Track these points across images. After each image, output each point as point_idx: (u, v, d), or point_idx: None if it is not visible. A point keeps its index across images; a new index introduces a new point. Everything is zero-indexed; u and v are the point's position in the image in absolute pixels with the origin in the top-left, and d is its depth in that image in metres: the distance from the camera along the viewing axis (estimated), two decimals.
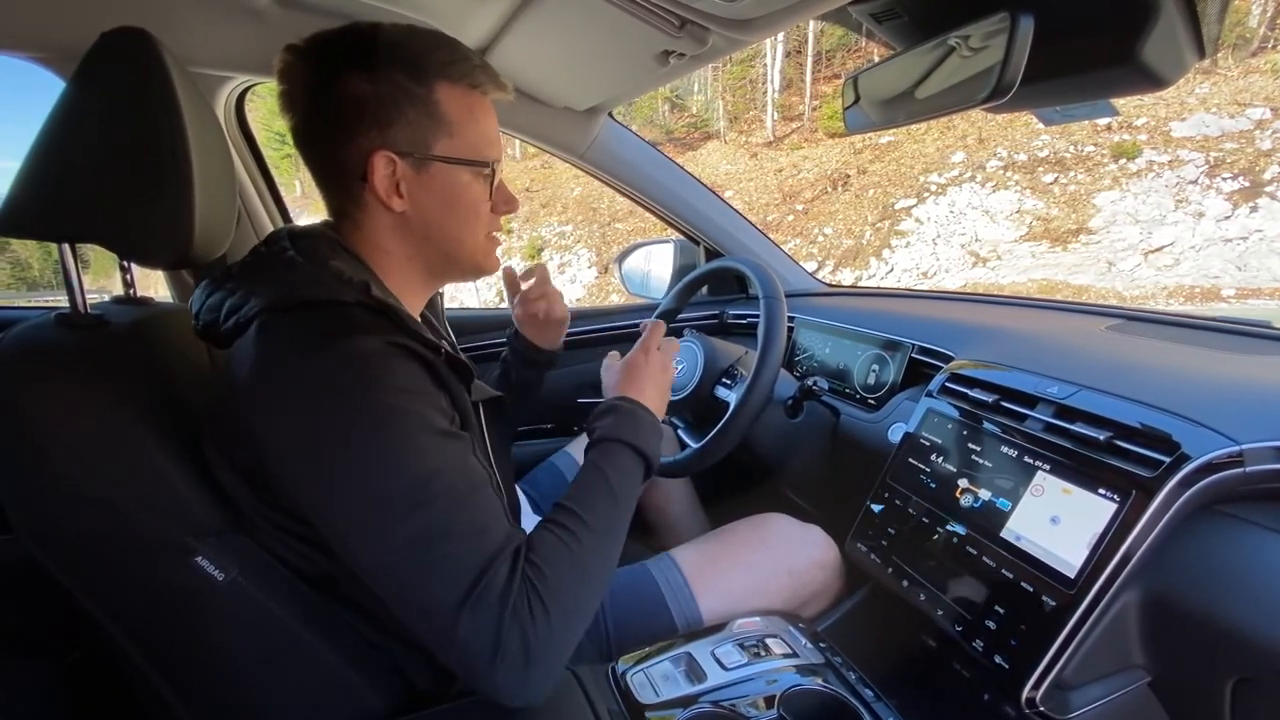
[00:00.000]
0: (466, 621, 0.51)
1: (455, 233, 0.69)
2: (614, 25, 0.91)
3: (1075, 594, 0.64)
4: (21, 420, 0.55)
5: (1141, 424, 0.67)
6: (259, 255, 0.65)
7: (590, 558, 0.60)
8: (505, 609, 0.52)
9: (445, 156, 0.65)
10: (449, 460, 0.56)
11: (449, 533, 0.53)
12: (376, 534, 0.53)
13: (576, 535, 0.60)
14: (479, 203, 0.68)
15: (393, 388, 0.55)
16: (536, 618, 0.53)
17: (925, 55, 0.73)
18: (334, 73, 0.62)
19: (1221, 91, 11.20)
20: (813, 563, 0.92)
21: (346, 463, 0.53)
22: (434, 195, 0.66)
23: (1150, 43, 0.56)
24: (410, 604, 0.54)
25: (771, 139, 15.36)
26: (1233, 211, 9.54)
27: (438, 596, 0.52)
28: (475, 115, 0.66)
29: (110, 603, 0.60)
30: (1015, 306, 1.27)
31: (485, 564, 0.53)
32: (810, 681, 0.71)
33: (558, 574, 0.56)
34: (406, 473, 0.54)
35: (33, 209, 0.60)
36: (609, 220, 15.07)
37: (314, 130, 0.64)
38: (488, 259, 0.73)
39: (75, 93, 0.60)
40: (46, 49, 0.93)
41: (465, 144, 0.66)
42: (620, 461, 0.68)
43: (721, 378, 1.10)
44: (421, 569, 0.53)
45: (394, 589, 0.54)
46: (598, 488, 0.65)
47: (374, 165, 0.62)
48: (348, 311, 0.58)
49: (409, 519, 0.53)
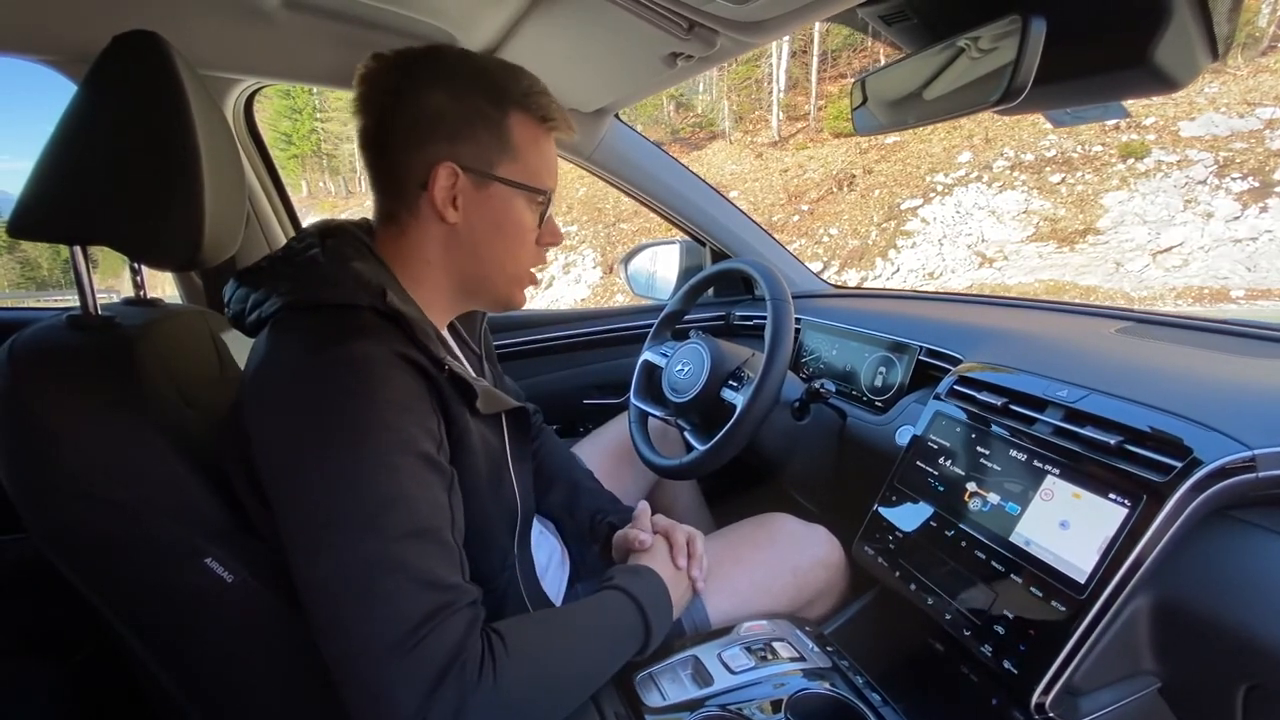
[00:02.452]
0: (397, 669, 0.47)
1: (499, 256, 0.70)
2: (621, 27, 0.91)
3: (1085, 599, 0.63)
4: (33, 421, 0.56)
5: (1152, 428, 0.67)
6: (290, 250, 0.66)
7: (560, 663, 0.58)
8: (451, 665, 0.48)
9: (506, 178, 0.67)
10: (420, 489, 0.54)
11: (399, 565, 0.50)
12: (325, 549, 0.50)
13: (553, 636, 0.59)
14: (527, 230, 0.70)
15: (382, 399, 0.54)
16: (483, 689, 0.49)
17: (934, 57, 0.72)
18: (419, 83, 0.64)
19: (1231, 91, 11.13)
20: (817, 561, 0.92)
21: (315, 466, 0.52)
22: (487, 214, 0.67)
23: (1163, 45, 0.56)
24: (339, 635, 0.49)
25: (777, 139, 15.35)
26: (1242, 212, 9.48)
27: (373, 633, 0.48)
28: (540, 147, 0.69)
29: (119, 603, 0.60)
30: (1024, 308, 1.27)
31: (435, 609, 0.50)
32: (817, 685, 0.71)
33: (525, 657, 0.53)
34: (370, 490, 0.51)
35: (44, 211, 0.61)
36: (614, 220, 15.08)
37: (386, 133, 0.65)
38: (518, 290, 0.74)
39: (87, 96, 0.61)
40: (58, 52, 0.94)
41: (526, 170, 0.68)
42: (615, 610, 0.68)
43: (728, 380, 1.10)
44: (360, 597, 0.49)
45: (328, 615, 0.50)
46: (587, 615, 0.65)
47: (436, 175, 0.64)
48: (358, 316, 0.58)
49: (360, 540, 0.50)
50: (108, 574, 0.59)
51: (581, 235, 15.37)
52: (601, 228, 15.13)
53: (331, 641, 0.50)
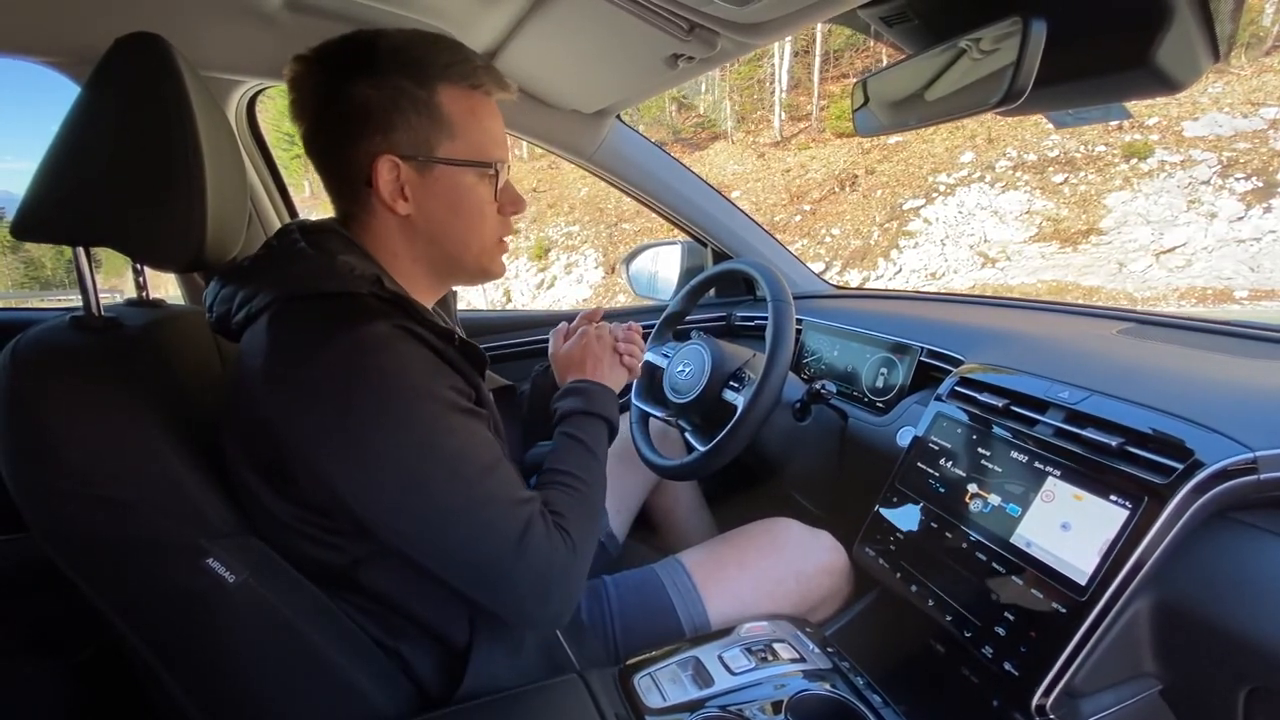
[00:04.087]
0: (520, 568, 0.58)
1: (461, 235, 0.69)
2: (622, 29, 0.91)
3: (1086, 601, 0.63)
4: (37, 421, 0.56)
5: (1154, 430, 0.67)
6: (271, 248, 0.66)
7: (590, 499, 0.71)
8: (550, 545, 0.60)
9: (448, 159, 0.65)
10: (474, 436, 0.60)
11: (490, 498, 0.58)
12: (423, 511, 0.57)
13: (577, 488, 0.69)
14: (484, 204, 0.69)
15: (413, 371, 0.58)
16: (573, 551, 0.62)
17: (936, 58, 0.72)
18: (339, 79, 0.62)
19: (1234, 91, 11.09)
20: (821, 568, 0.92)
21: (382, 447, 0.55)
22: (438, 198, 0.66)
23: (1164, 46, 0.56)
24: (463, 565, 0.59)
25: (779, 139, 15.33)
26: (1246, 212, 9.44)
27: (490, 554, 0.58)
28: (478, 116, 0.66)
29: (122, 603, 0.60)
30: (1025, 309, 1.27)
31: (526, 517, 0.60)
32: (818, 687, 0.71)
33: (576, 517, 0.66)
34: (441, 449, 0.57)
35: (48, 213, 0.61)
36: (616, 220, 15.08)
37: (321, 136, 0.65)
38: (494, 262, 0.73)
39: (90, 98, 0.61)
40: (62, 54, 0.94)
41: (468, 145, 0.66)
42: (588, 427, 0.76)
43: (729, 380, 1.10)
44: (470, 534, 0.58)
45: (445, 557, 0.59)
46: (576, 450, 0.73)
47: (378, 170, 0.63)
48: (361, 301, 0.59)
49: (451, 492, 0.57)
50: (109, 574, 0.60)
51: (583, 235, 15.36)
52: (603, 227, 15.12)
53: (456, 573, 0.60)
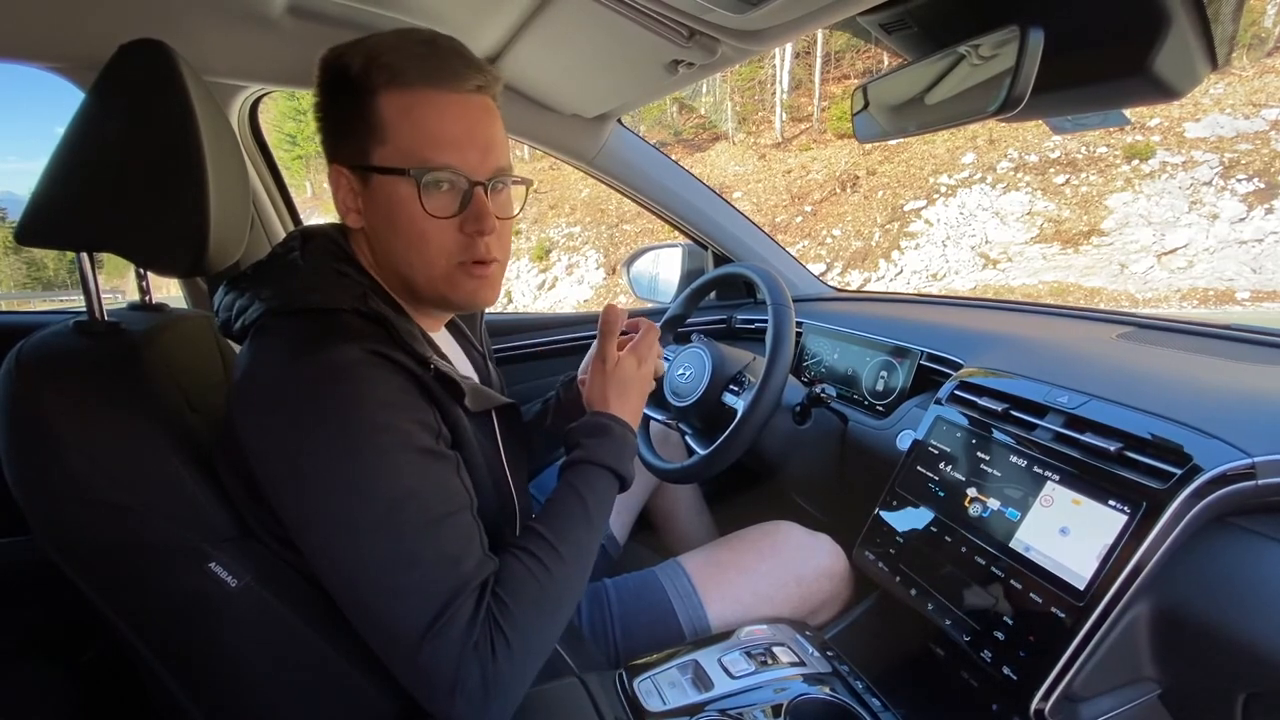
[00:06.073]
0: (427, 652, 0.51)
1: (403, 255, 0.63)
2: (623, 35, 0.91)
3: (1085, 606, 0.63)
4: (40, 426, 0.56)
5: (1152, 435, 0.67)
6: (273, 256, 0.66)
7: (560, 590, 0.59)
8: (467, 645, 0.51)
9: (378, 166, 0.60)
10: (427, 481, 0.55)
11: (416, 560, 0.52)
12: (344, 554, 0.53)
13: (547, 567, 0.59)
14: (420, 219, 0.60)
15: (375, 401, 0.54)
16: (498, 654, 0.53)
17: (935, 64, 0.73)
18: (319, 94, 0.63)
19: (1236, 92, 11.08)
20: (821, 572, 0.92)
21: (320, 478, 0.53)
22: (378, 211, 0.62)
23: (1162, 54, 0.56)
24: (374, 628, 0.54)
25: (780, 140, 15.33)
26: (1248, 213, 9.43)
27: (400, 624, 0.52)
28: (413, 116, 0.59)
29: (124, 606, 0.61)
30: (1025, 313, 1.27)
31: (450, 596, 0.52)
32: (817, 690, 0.71)
33: (524, 610, 0.55)
34: (378, 493, 0.53)
35: (51, 218, 0.61)
36: (617, 222, 15.09)
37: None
38: (454, 290, 0.64)
39: (94, 103, 0.61)
40: (66, 60, 0.94)
41: (398, 150, 0.59)
42: (600, 487, 0.66)
43: (729, 384, 1.10)
44: (385, 595, 0.52)
45: (358, 611, 0.54)
46: (575, 514, 0.63)
47: (334, 180, 0.64)
48: (341, 319, 0.58)
49: (377, 542, 0.52)
50: (112, 578, 0.60)
51: (585, 236, 15.37)
52: (605, 229, 15.13)
53: (368, 631, 0.55)
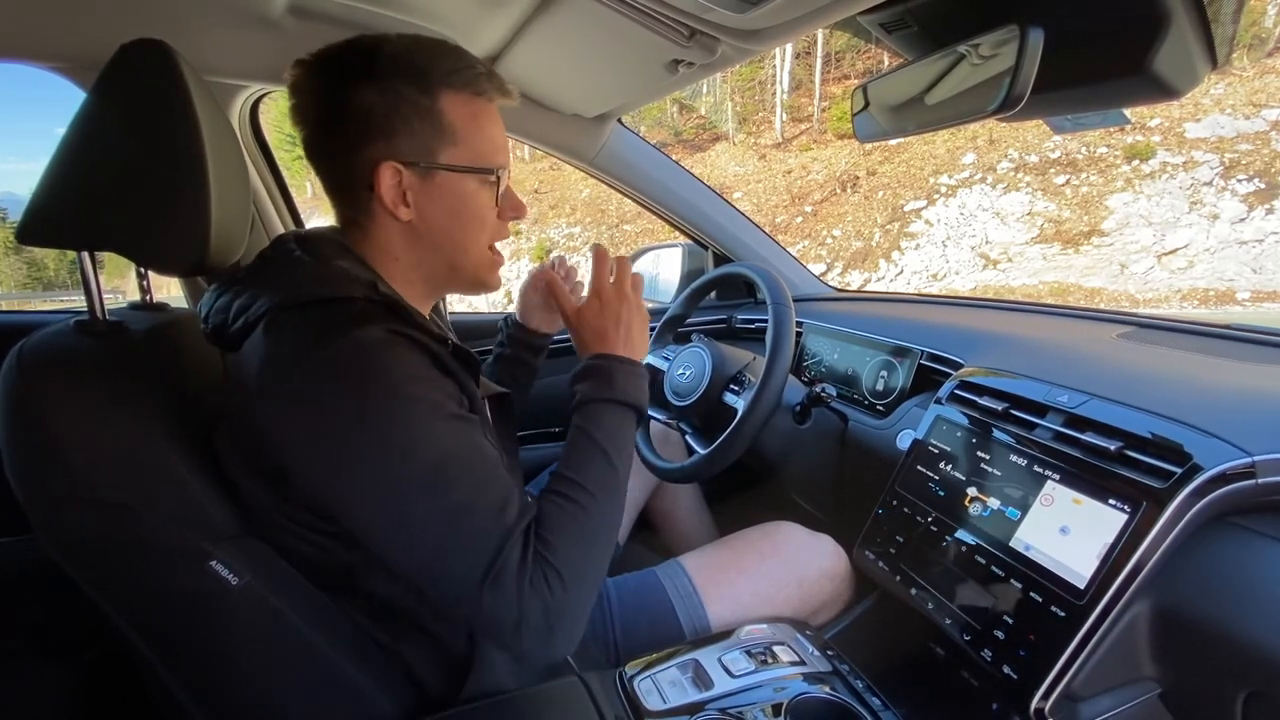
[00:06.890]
0: (489, 598, 0.54)
1: (461, 241, 0.69)
2: (623, 34, 0.91)
3: (1085, 605, 0.63)
4: (42, 425, 0.56)
5: (1153, 434, 0.67)
6: (266, 258, 0.66)
7: (595, 523, 0.62)
8: (523, 584, 0.55)
9: (450, 165, 0.65)
10: (463, 442, 0.58)
11: (465, 515, 0.56)
12: (397, 521, 0.56)
13: (579, 503, 0.62)
14: (484, 210, 0.69)
15: (402, 375, 0.57)
16: (553, 588, 0.56)
17: (935, 64, 0.73)
18: (341, 85, 0.63)
19: (1237, 92, 11.08)
20: (822, 573, 0.92)
21: (362, 453, 0.55)
22: (440, 204, 0.66)
23: (1161, 53, 0.56)
24: (437, 583, 0.57)
25: (780, 140, 15.33)
26: (1248, 213, 9.43)
27: (460, 575, 0.55)
28: (480, 123, 0.66)
29: (125, 605, 0.61)
30: (1025, 313, 1.27)
31: (500, 543, 0.55)
32: (817, 689, 0.71)
33: (567, 545, 0.59)
34: (421, 458, 0.55)
35: (53, 217, 0.61)
36: (617, 222, 15.10)
37: (323, 142, 0.65)
38: (490, 273, 0.73)
39: (95, 103, 0.61)
40: (67, 60, 0.94)
41: (470, 152, 0.66)
42: (607, 421, 0.68)
43: (729, 384, 1.10)
44: (442, 550, 0.55)
45: (420, 571, 0.57)
46: (591, 453, 0.66)
47: (381, 176, 0.63)
48: (355, 306, 0.59)
49: (427, 503, 0.55)
50: (113, 577, 0.60)
51: (585, 236, 15.38)
52: (605, 229, 15.14)
53: (434, 590, 0.58)
